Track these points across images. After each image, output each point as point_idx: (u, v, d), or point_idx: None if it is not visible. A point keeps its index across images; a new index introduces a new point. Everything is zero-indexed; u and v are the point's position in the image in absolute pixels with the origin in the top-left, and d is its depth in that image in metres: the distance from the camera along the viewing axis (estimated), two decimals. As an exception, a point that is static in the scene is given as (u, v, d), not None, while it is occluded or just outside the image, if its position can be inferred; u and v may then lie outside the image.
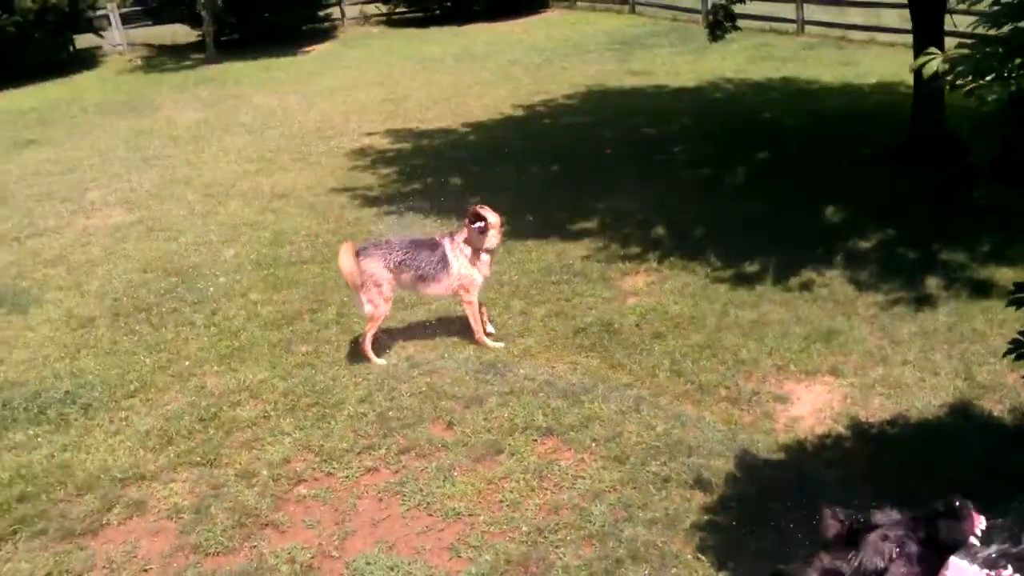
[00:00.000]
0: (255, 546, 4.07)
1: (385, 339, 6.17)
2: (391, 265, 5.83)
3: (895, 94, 11.47)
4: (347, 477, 4.60)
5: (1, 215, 10.33)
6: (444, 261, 5.91)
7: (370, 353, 5.83)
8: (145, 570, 3.96)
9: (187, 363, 5.99)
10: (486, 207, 5.97)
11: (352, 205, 9.82)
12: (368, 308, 5.82)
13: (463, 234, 5.95)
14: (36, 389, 5.66)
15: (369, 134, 13.57)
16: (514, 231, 8.15)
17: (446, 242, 5.99)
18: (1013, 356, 3.15)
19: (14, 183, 12.03)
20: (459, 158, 11.60)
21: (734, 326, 5.94)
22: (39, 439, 5.10)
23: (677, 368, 5.44)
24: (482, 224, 5.85)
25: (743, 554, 3.71)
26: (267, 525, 4.23)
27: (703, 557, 3.73)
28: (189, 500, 4.44)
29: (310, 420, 5.15)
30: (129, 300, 7.20)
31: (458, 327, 6.28)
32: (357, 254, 5.80)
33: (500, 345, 5.97)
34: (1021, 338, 3.12)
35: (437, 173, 11.06)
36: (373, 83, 17.03)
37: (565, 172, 10.45)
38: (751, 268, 6.83)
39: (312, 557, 3.98)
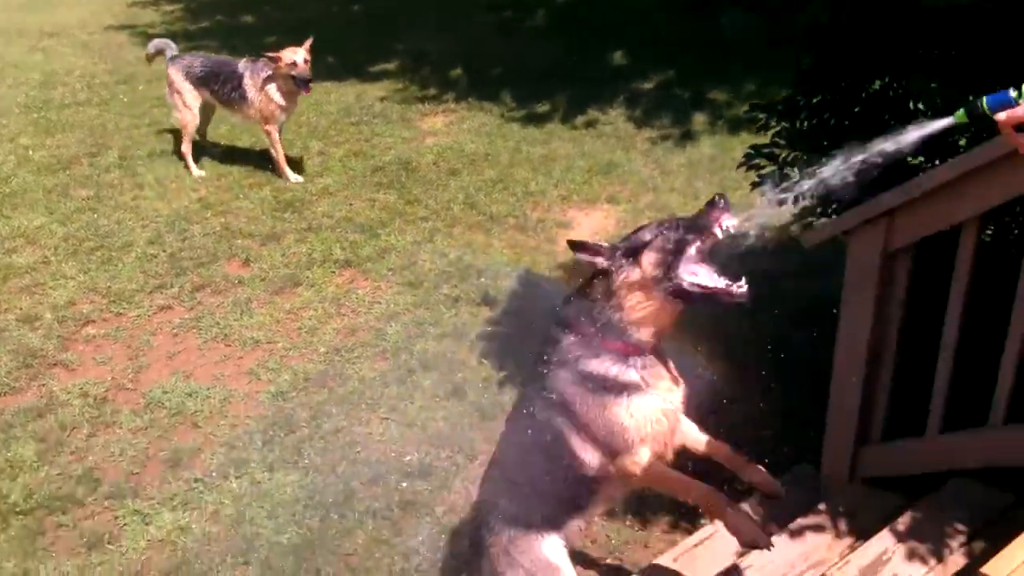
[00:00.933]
0: (44, 384, 4.02)
1: (172, 180, 5.98)
2: (191, 77, 5.96)
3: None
4: (139, 316, 4.57)
5: None
6: (241, 89, 5.87)
7: (188, 161, 6.10)
8: (-77, 415, 3.83)
9: (-50, 211, 5.54)
10: (294, 48, 5.77)
11: (132, 44, 9.09)
12: (175, 115, 6.13)
13: (264, 67, 5.81)
14: None
15: (149, -34, 12.37)
16: (312, 72, 7.93)
17: (247, 72, 5.87)
18: (746, 167, 3.61)
19: None
20: (251, -3, 10.91)
21: (525, 162, 6.23)
22: None
23: (471, 201, 5.69)
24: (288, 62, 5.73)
25: (519, 356, 4.11)
26: (55, 365, 4.17)
27: (485, 361, 4.10)
28: (-34, 346, 4.27)
29: (94, 263, 4.99)
30: None
31: (254, 168, 6.18)
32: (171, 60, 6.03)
33: (299, 179, 5.96)
34: (751, 151, 3.58)
35: (228, 10, 10.39)
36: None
37: (367, 12, 10.14)
38: (542, 108, 7.10)
39: (106, 390, 3.99)
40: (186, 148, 6.08)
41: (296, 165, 6.15)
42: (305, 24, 9.10)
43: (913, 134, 1.58)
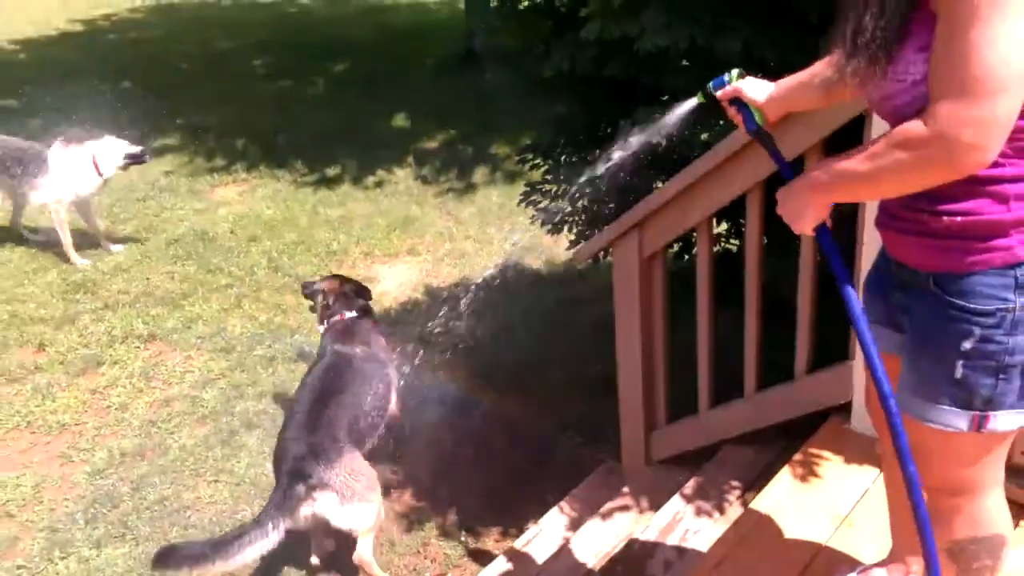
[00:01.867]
0: None
1: (-54, 273, 5.63)
2: None
3: (456, 10, 12.64)
4: (-76, 416, 4.28)
5: None
6: (44, 168, 5.70)
7: None
8: None
9: None
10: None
11: None
12: None
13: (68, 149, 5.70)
14: None
15: None
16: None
17: (52, 151, 5.72)
18: (525, 203, 4.08)
19: None
20: (9, 79, 10.36)
21: (324, 223, 6.45)
22: None
23: (274, 264, 5.81)
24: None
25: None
26: None
27: (309, 412, 4.24)
28: None
29: None
30: None
31: (35, 253, 5.94)
32: None
33: (86, 262, 5.80)
34: (528, 189, 4.05)
35: (-17, 93, 9.80)
36: None
37: (139, 90, 9.93)
38: (333, 171, 7.37)
39: None
40: None
41: (81, 247, 5.98)
42: (74, 104, 8.83)
43: (668, 117, 2.01)
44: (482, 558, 3.39)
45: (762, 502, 2.57)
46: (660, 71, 3.12)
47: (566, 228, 4.20)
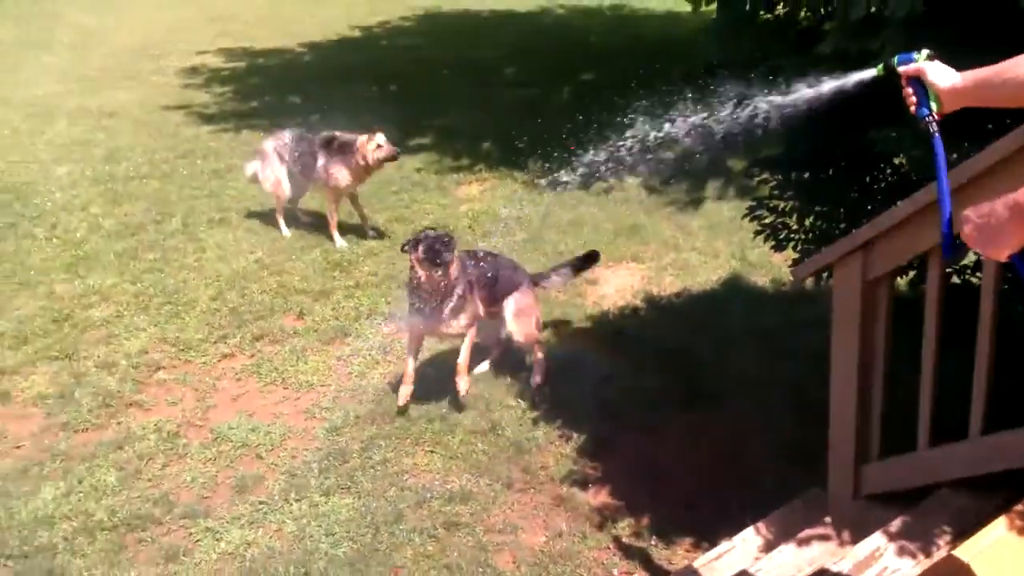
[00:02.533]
0: (121, 422, 4.45)
1: (231, 244, 6.51)
2: (278, 148, 6.62)
3: (708, 22, 12.51)
4: (205, 363, 5.01)
5: None
6: (314, 157, 6.48)
7: (280, 223, 6.74)
8: (17, 447, 4.25)
9: (32, 272, 6.08)
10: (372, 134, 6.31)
11: (188, 122, 9.82)
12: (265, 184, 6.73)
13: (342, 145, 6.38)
14: None
15: (200, 52, 13.33)
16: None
17: (321, 147, 6.47)
18: (750, 218, 4.03)
19: None
20: (297, 78, 11.72)
21: (554, 225, 6.70)
22: None
23: (504, 261, 6.14)
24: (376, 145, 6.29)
25: (550, 396, 4.49)
26: (131, 405, 4.60)
27: (521, 401, 4.48)
28: (52, 388, 4.72)
29: (163, 317, 5.47)
30: (-39, 217, 7.09)
31: (305, 232, 6.71)
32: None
33: (344, 245, 6.46)
34: (754, 203, 4.00)
35: (275, 92, 11.17)
36: (191, 1, 16.52)
37: (402, 92, 10.84)
38: (567, 176, 7.60)
39: (178, 426, 4.41)
40: (279, 214, 6.75)
41: (344, 230, 6.67)
42: (346, 103, 9.81)
43: (844, 80, 1.97)
44: (671, 565, 3.42)
45: (969, 550, 2.39)
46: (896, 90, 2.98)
47: (791, 246, 4.10)
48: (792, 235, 4.07)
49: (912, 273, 3.76)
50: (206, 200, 7.40)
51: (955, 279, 3.80)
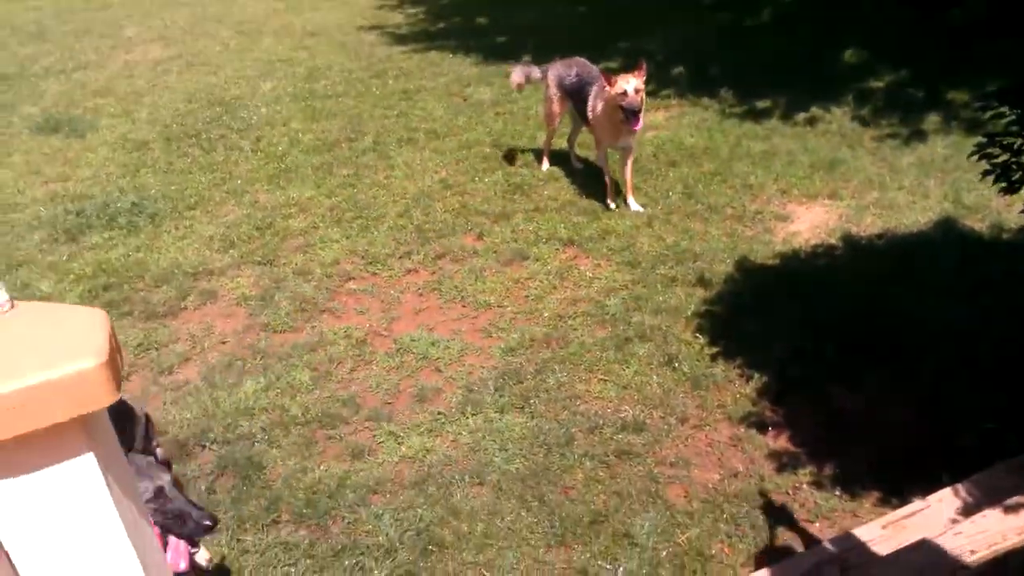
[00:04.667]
0: (315, 326, 4.72)
1: (418, 163, 6.66)
2: (564, 82, 6.08)
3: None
4: (390, 276, 5.20)
5: (43, 50, 10.67)
6: (588, 97, 5.84)
7: (544, 158, 6.48)
8: (223, 343, 4.62)
9: (239, 182, 6.52)
10: (627, 76, 5.42)
11: (381, 43, 10.08)
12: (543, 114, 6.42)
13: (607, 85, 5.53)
14: (105, 201, 6.24)
15: (396, -26, 13.55)
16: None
17: (596, 85, 5.80)
18: (978, 156, 3.60)
19: (48, 20, 12.27)
20: (486, 0, 11.68)
21: (745, 156, 6.36)
22: (114, 241, 5.71)
23: (689, 191, 5.91)
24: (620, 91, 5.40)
25: (731, 333, 4.32)
26: (324, 311, 4.87)
27: (700, 336, 4.33)
28: (255, 291, 5.08)
29: (355, 230, 5.72)
30: (178, 127, 7.68)
31: (488, 154, 6.75)
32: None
33: (640, 209, 5.74)
34: (984, 139, 3.56)
35: (464, 12, 11.21)
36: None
37: (592, 13, 10.57)
38: (763, 105, 7.17)
39: (365, 335, 4.62)
40: (545, 145, 6.44)
41: (525, 152, 6.63)
42: (532, 25, 9.71)
43: None
44: (852, 520, 3.23)
45: None
46: None
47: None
48: (1024, 179, 3.60)
49: None
50: (396, 119, 7.60)
51: None
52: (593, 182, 6.14)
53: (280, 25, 11.27)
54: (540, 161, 6.52)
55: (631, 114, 5.38)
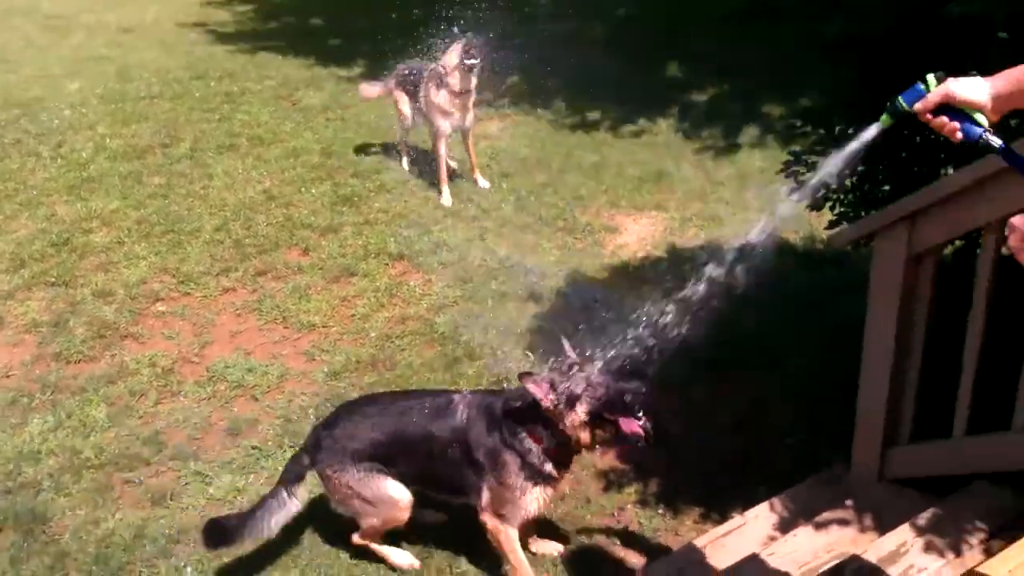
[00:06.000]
0: (115, 354, 4.30)
1: (240, 172, 6.27)
2: (402, 78, 6.18)
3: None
4: (205, 296, 4.83)
5: None
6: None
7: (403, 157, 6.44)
8: (8, 375, 4.11)
9: (35, 192, 5.90)
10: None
11: (204, 41, 9.52)
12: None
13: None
14: None
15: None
16: (372, 75, 8.22)
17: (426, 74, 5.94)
18: (786, 173, 3.73)
19: None
20: (321, 0, 11.29)
21: (576, 168, 6.40)
22: None
23: (521, 203, 5.87)
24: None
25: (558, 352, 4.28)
26: (127, 337, 4.45)
27: (530, 353, 4.27)
28: (47, 316, 4.57)
29: (165, 246, 5.28)
30: (-35, 130, 6.89)
31: (316, 163, 6.45)
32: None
33: (448, 202, 5.87)
34: (791, 158, 3.70)
35: (297, 13, 10.79)
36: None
37: (425, 20, 10.38)
38: (593, 116, 7.27)
39: (173, 362, 4.25)
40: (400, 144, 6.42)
41: (355, 164, 6.39)
42: (367, 29, 9.44)
43: (852, 144, 1.71)
44: (674, 538, 3.24)
45: (1011, 557, 2.17)
46: (969, 42, 2.65)
47: (828, 206, 3.80)
48: (831, 195, 3.76)
49: (958, 243, 3.47)
50: (216, 124, 7.15)
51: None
52: (427, 191, 6.00)
53: (93, 20, 10.42)
54: (400, 159, 6.44)
55: (468, 72, 5.63)
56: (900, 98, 1.62)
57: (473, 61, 5.61)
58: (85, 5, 11.05)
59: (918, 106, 1.59)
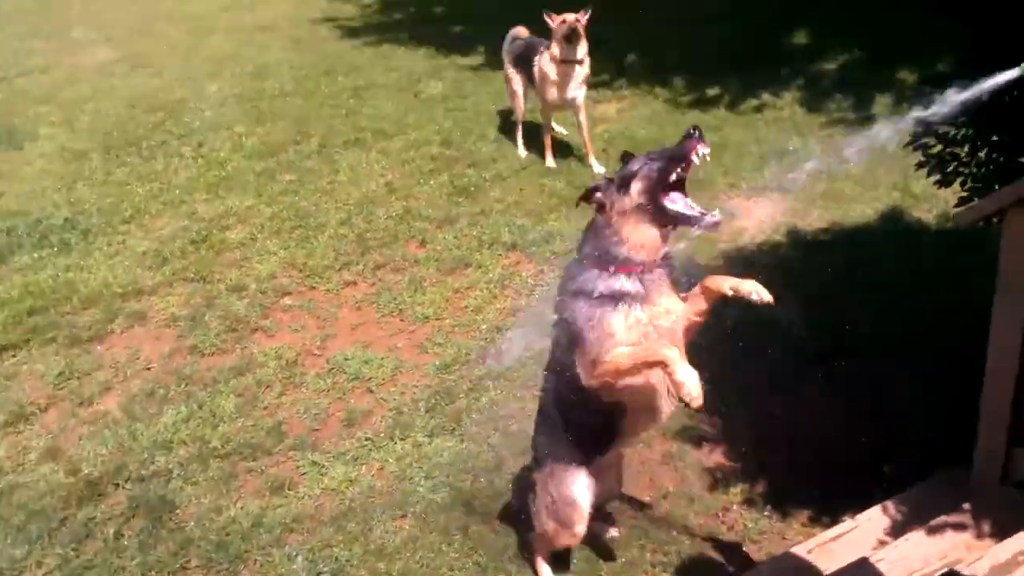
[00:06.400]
0: (245, 347, 4.57)
1: (363, 166, 6.49)
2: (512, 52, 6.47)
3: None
4: (328, 290, 5.05)
5: (-13, 55, 10.39)
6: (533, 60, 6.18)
7: (518, 141, 6.55)
8: (148, 368, 4.47)
9: (177, 191, 6.33)
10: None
11: (333, 37, 9.86)
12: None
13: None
14: (38, 217, 6.03)
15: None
16: (492, 63, 8.28)
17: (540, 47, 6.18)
18: (914, 146, 3.48)
19: (-3, 22, 11.96)
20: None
21: (695, 149, 6.21)
22: (43, 261, 5.50)
23: (637, 188, 5.76)
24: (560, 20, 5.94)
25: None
26: (256, 330, 4.72)
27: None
28: (185, 311, 4.91)
29: (294, 241, 5.55)
30: (119, 134, 7.46)
31: (436, 154, 6.58)
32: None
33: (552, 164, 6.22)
34: (918, 130, 3.43)
35: (420, 2, 10.98)
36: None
37: (551, 1, 10.33)
38: (713, 92, 7.02)
39: (297, 355, 4.48)
40: (518, 131, 6.57)
41: (472, 153, 6.48)
42: (487, 14, 9.49)
43: (987, 83, 1.58)
44: (781, 542, 3.14)
45: None
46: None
47: (959, 181, 3.52)
48: (962, 168, 3.48)
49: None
50: (343, 119, 7.41)
51: None
52: (542, 179, 6.02)
53: (230, 21, 11.00)
54: (515, 144, 6.55)
55: (570, 40, 5.81)
56: None
57: (567, 29, 5.81)
58: (222, 6, 11.68)
59: None
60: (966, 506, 2.81)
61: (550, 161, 6.20)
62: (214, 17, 11.18)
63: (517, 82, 6.41)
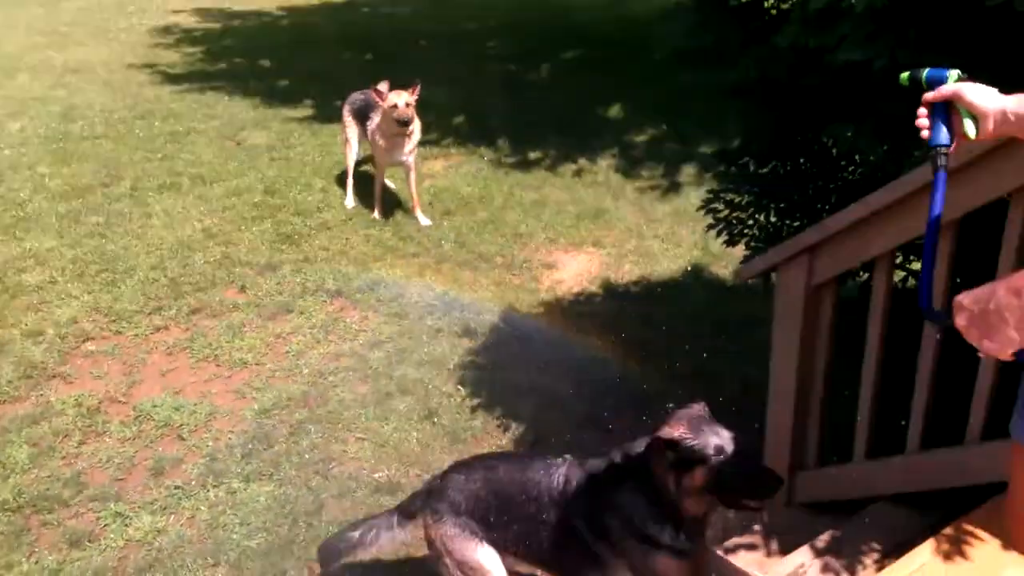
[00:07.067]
0: (42, 394, 4.24)
1: (179, 211, 6.27)
2: (354, 106, 6.56)
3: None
4: (136, 335, 4.79)
5: None
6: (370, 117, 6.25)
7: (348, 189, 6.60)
8: (-75, 419, 4.04)
9: (-33, 232, 5.83)
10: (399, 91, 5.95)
11: (152, 82, 9.52)
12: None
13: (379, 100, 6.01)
14: None
15: (176, 11, 13.01)
16: (320, 115, 8.31)
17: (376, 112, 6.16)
18: (705, 210, 3.85)
19: None
20: (271, 42, 11.42)
21: (517, 205, 6.50)
22: None
23: (461, 241, 5.94)
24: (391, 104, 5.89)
25: (493, 385, 4.32)
26: (54, 377, 4.39)
27: (461, 388, 4.30)
28: (-28, 356, 4.50)
29: (99, 285, 5.24)
30: (-101, 169, 6.80)
31: (259, 201, 6.46)
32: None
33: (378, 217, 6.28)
34: (710, 195, 3.82)
35: (247, 54, 10.86)
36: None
37: (377, 61, 10.53)
38: (535, 155, 7.40)
39: (99, 402, 4.20)
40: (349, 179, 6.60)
41: (298, 203, 6.44)
42: (317, 71, 9.55)
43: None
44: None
45: (896, 571, 2.24)
46: (856, 86, 2.80)
47: (744, 242, 3.93)
48: (746, 230, 3.89)
49: (864, 275, 3.59)
50: (159, 164, 7.14)
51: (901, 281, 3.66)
52: (368, 228, 6.05)
53: (39, 60, 10.38)
54: (344, 194, 6.58)
55: (401, 124, 5.84)
56: (927, 72, 1.66)
57: (409, 111, 5.92)
58: (32, 45, 11.02)
59: (931, 95, 1.62)
60: (756, 527, 3.05)
61: (377, 213, 6.27)
62: (19, 56, 10.51)
63: (352, 132, 6.50)
